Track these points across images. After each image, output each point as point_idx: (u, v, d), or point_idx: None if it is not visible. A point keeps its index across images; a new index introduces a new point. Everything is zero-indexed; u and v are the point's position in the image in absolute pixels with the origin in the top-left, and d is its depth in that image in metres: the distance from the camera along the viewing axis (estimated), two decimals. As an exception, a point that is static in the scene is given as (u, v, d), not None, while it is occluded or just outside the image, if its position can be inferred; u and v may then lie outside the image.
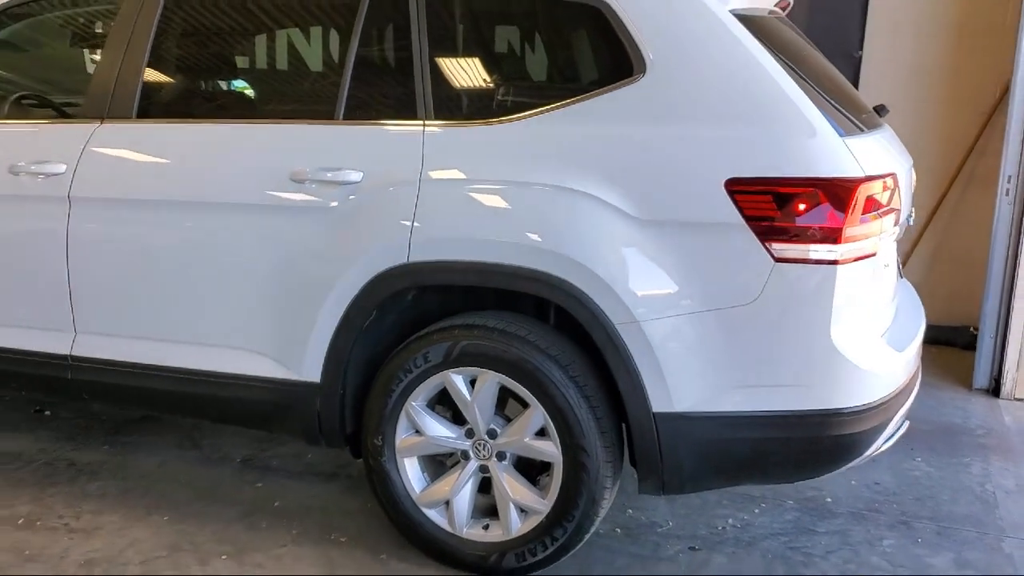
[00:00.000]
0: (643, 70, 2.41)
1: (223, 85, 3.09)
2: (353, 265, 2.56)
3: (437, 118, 2.56)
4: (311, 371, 2.67)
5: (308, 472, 3.29)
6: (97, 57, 3.11)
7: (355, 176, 2.57)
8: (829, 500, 3.15)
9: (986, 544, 2.90)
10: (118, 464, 3.31)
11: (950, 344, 4.83)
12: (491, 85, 2.71)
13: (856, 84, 5.00)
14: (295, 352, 2.68)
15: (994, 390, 4.21)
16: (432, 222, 2.48)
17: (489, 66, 2.74)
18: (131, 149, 2.84)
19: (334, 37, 2.86)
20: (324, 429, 2.73)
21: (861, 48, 5.07)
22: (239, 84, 3.04)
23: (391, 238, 2.51)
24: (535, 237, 2.40)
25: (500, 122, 2.51)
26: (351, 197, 2.57)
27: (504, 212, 2.44)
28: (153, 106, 2.90)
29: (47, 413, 3.77)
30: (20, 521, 2.88)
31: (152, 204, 2.78)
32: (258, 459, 3.39)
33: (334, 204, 2.59)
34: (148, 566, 2.65)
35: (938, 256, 5.02)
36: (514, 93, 2.63)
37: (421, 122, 2.56)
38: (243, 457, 3.40)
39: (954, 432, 3.80)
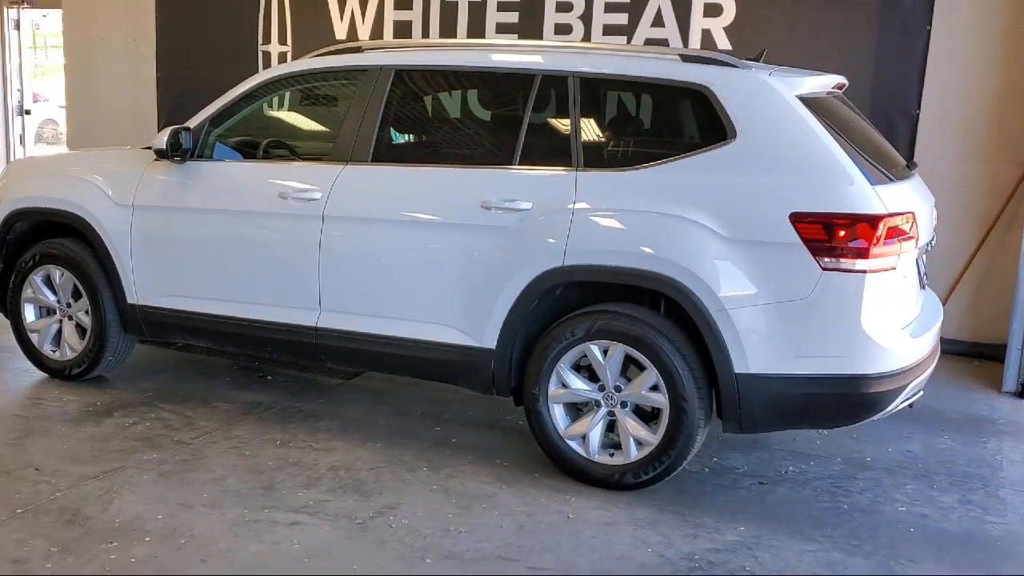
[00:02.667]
0: (734, 136, 3.50)
1: (432, 138, 4.29)
2: (523, 266, 3.70)
3: (586, 166, 3.69)
4: (489, 340, 3.81)
5: (472, 422, 4.42)
6: (332, 114, 4.37)
7: (526, 205, 3.71)
8: (868, 459, 4.12)
9: (987, 492, 3.84)
10: (333, 412, 4.50)
11: (992, 358, 5.69)
12: (623, 143, 3.84)
13: (914, 137, 5.97)
14: (478, 326, 3.83)
15: (1019, 393, 5.09)
16: (581, 237, 3.60)
17: (622, 129, 3.87)
18: (369, 183, 4.05)
19: (514, 104, 4.02)
20: (496, 383, 3.87)
21: (919, 107, 6.02)
22: (444, 138, 4.24)
23: (551, 248, 3.64)
24: (656, 249, 3.50)
25: (630, 169, 3.63)
26: (523, 220, 3.71)
27: (633, 231, 3.54)
28: (384, 153, 4.10)
29: (269, 378, 5.01)
30: (277, 443, 4.08)
31: (383, 221, 3.98)
32: (432, 412, 4.54)
33: (510, 224, 3.73)
34: (374, 472, 3.80)
35: (983, 283, 5.90)
36: (640, 148, 3.76)
37: (574, 168, 3.70)
38: (422, 411, 4.56)
39: (979, 421, 4.71)
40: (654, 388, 3.58)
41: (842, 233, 3.33)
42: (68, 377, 4.74)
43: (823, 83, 3.81)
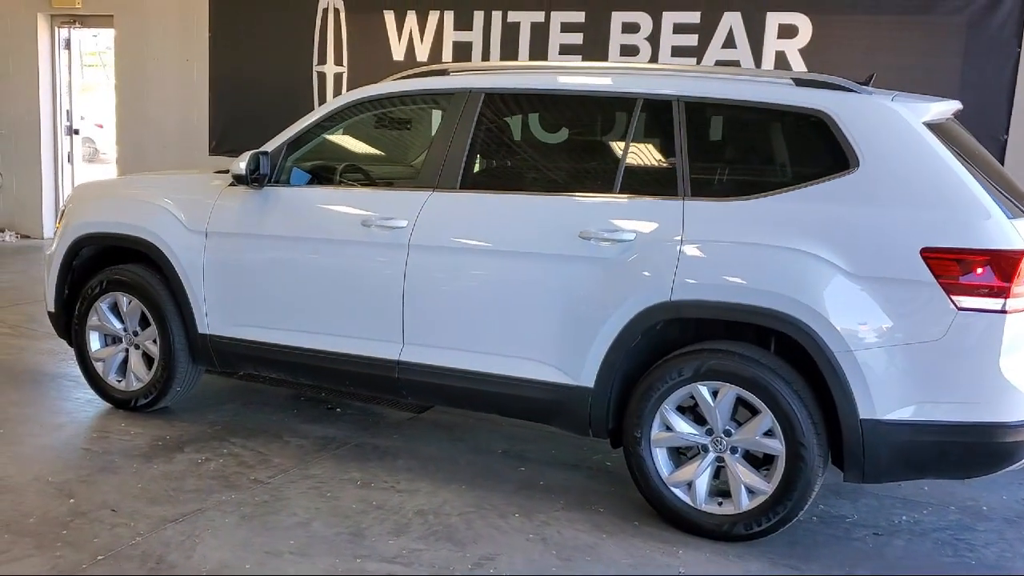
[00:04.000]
0: (856, 165, 3.28)
1: (525, 164, 4.10)
2: (626, 300, 3.49)
3: (693, 195, 3.48)
4: (587, 378, 3.60)
5: (556, 462, 4.21)
6: (415, 139, 4.20)
7: (629, 235, 3.51)
8: (985, 508, 3.86)
9: (1122, 548, 3.57)
10: (410, 449, 4.30)
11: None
12: (733, 171, 3.64)
13: (1001, 163, 5.71)
14: (575, 363, 3.62)
15: None
16: (692, 270, 3.39)
17: (732, 156, 3.66)
18: (457, 211, 3.86)
19: (613, 129, 3.83)
20: (593, 424, 3.65)
21: (1007, 132, 5.78)
22: (537, 164, 4.04)
23: (658, 282, 3.43)
24: (775, 284, 3.28)
25: (742, 199, 3.42)
26: (625, 251, 3.51)
27: (749, 265, 3.33)
28: (473, 179, 3.92)
29: (337, 410, 4.83)
30: (358, 483, 3.89)
31: (472, 251, 3.79)
32: (513, 451, 4.33)
33: (612, 256, 3.53)
34: (464, 518, 3.59)
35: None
36: (751, 177, 3.55)
37: (681, 197, 3.49)
38: (502, 449, 4.35)
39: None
40: (768, 433, 3.35)
41: (980, 271, 3.09)
42: (134, 408, 4.58)
43: (945, 109, 3.59)
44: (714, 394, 3.42)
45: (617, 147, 3.71)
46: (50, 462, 3.95)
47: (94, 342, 4.67)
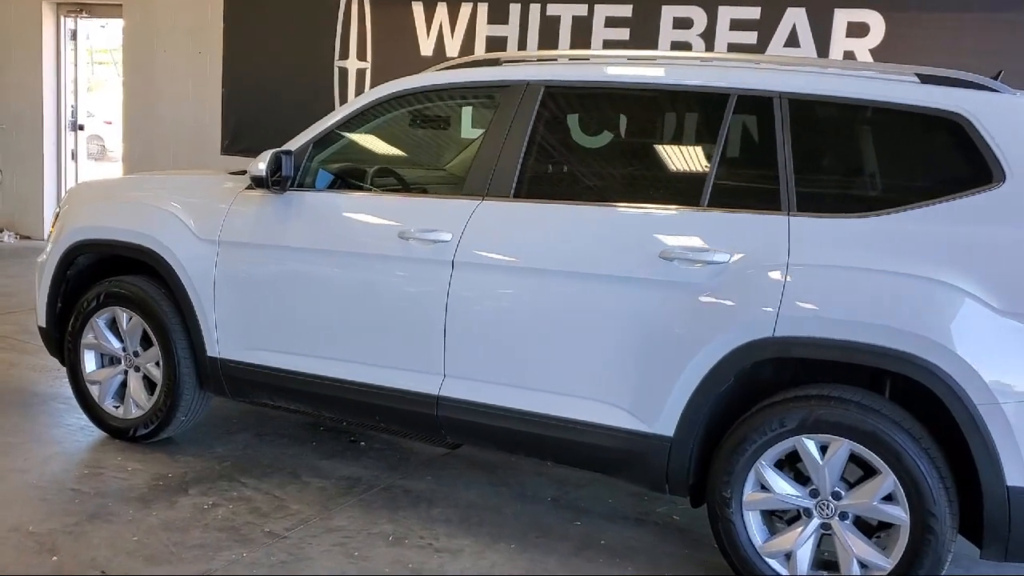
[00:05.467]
0: (1002, 178, 2.72)
1: (592, 170, 3.53)
2: (718, 335, 2.93)
3: (800, 210, 2.92)
4: (665, 426, 3.04)
5: (616, 515, 3.65)
6: (462, 139, 3.64)
7: (722, 257, 2.95)
8: None
9: None
10: (446, 495, 3.75)
11: None
12: (848, 183, 3.07)
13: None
14: (651, 407, 3.06)
15: None
16: (801, 301, 2.83)
17: (846, 165, 3.10)
18: (511, 224, 3.30)
19: (700, 130, 3.28)
20: (671, 479, 3.09)
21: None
22: (609, 171, 3.48)
23: (758, 314, 2.87)
24: (902, 321, 2.71)
25: (859, 216, 2.86)
26: (717, 275, 2.95)
27: (871, 297, 2.76)
28: (530, 187, 3.36)
29: (361, 443, 4.28)
30: (389, 538, 3.33)
31: (528, 271, 3.22)
32: (565, 499, 3.77)
33: (701, 281, 2.97)
34: (517, 586, 3.04)
35: None
36: (870, 190, 2.99)
37: (785, 213, 2.93)
38: (552, 496, 3.79)
39: None
40: (889, 499, 2.78)
41: None
42: (132, 439, 4.03)
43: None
44: (822, 449, 2.86)
45: (706, 151, 3.15)
46: (33, 506, 3.40)
47: (89, 362, 4.12)
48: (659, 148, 3.41)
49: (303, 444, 4.22)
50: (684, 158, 3.35)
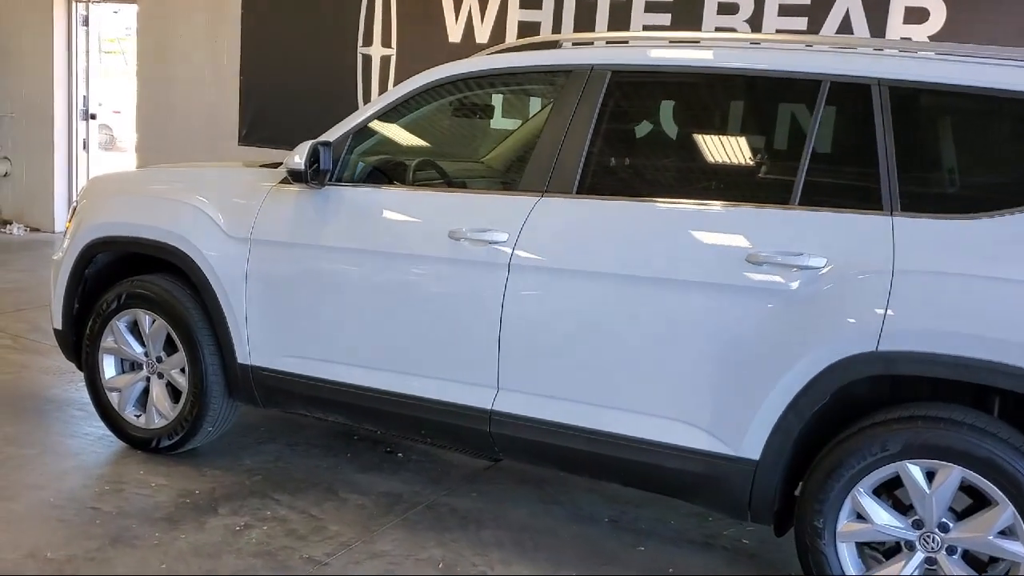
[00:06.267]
0: None
1: (665, 164, 3.24)
2: (813, 348, 2.63)
3: (904, 210, 2.63)
4: (750, 448, 2.75)
5: (680, 538, 3.36)
6: (516, 129, 3.34)
7: (817, 261, 2.65)
8: None
9: None
10: (494, 513, 3.46)
11: None
12: (959, 179, 2.77)
13: None
14: (734, 427, 2.77)
15: None
16: (909, 313, 2.53)
17: (956, 159, 2.79)
18: (574, 223, 3.01)
19: (790, 123, 2.97)
20: (754, 506, 2.80)
21: None
22: (686, 164, 3.18)
23: (860, 326, 2.57)
24: (1021, 335, 2.42)
25: (975, 217, 2.56)
26: (812, 282, 2.66)
27: (992, 308, 2.46)
28: (596, 182, 3.06)
29: (399, 455, 3.99)
30: (440, 565, 3.05)
31: (594, 276, 2.93)
32: (623, 520, 3.49)
33: (793, 287, 2.67)
34: (585, 623, 2.76)
35: None
36: (985, 188, 2.68)
37: (888, 213, 2.63)
38: (609, 517, 3.51)
39: None
40: (1007, 532, 2.50)
41: None
42: (155, 450, 3.75)
43: None
44: (929, 476, 2.57)
45: (795, 144, 2.85)
46: (51, 528, 3.13)
47: (108, 368, 3.84)
48: (741, 140, 3.10)
49: (338, 455, 3.94)
50: (772, 151, 3.05)
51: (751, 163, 3.10)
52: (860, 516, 2.66)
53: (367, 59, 7.12)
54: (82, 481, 3.55)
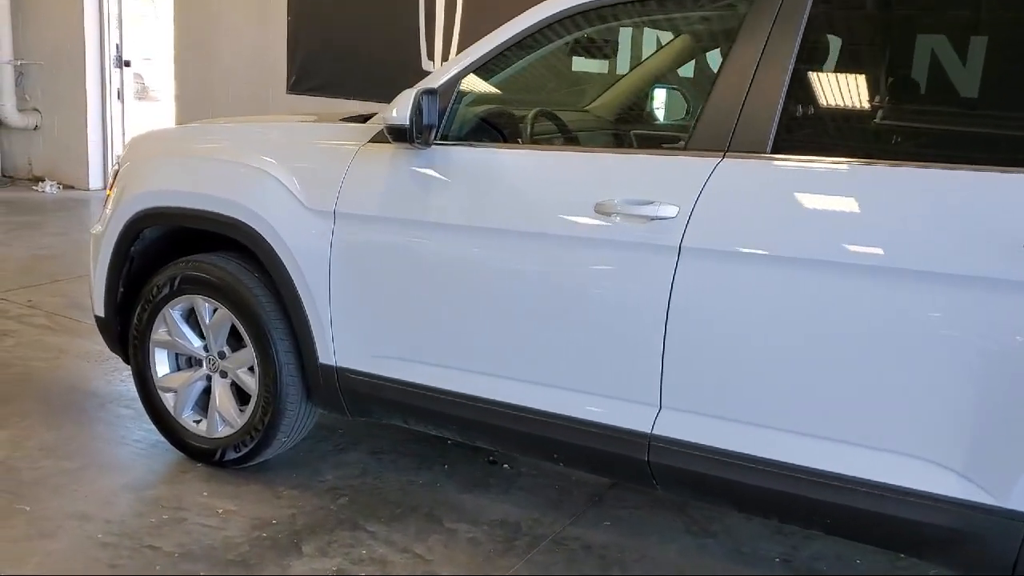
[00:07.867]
0: None
1: (905, 113, 2.47)
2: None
3: None
4: (1021, 499, 2.06)
5: (877, 587, 2.70)
6: (678, 70, 2.60)
7: None
8: None
9: None
10: (637, 551, 2.81)
11: None
12: None
13: None
14: (1001, 472, 2.07)
15: None
16: None
17: None
18: (770, 193, 2.28)
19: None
20: (1021, 569, 2.11)
21: None
22: (929, 113, 2.42)
23: None
24: None
25: None
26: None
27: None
28: (797, 139, 2.33)
29: (505, 466, 3.35)
30: (587, 630, 2.42)
31: (801, 263, 2.20)
32: (797, 560, 2.82)
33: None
34: None
35: None
36: None
37: None
38: (780, 556, 2.84)
39: None
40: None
41: None
42: (219, 463, 3.14)
43: None
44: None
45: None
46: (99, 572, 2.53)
47: (161, 364, 3.21)
48: (1004, 74, 2.33)
49: (432, 466, 3.30)
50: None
51: (1008, 107, 2.32)
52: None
53: (431, -4, 6.34)
54: (135, 507, 2.93)
